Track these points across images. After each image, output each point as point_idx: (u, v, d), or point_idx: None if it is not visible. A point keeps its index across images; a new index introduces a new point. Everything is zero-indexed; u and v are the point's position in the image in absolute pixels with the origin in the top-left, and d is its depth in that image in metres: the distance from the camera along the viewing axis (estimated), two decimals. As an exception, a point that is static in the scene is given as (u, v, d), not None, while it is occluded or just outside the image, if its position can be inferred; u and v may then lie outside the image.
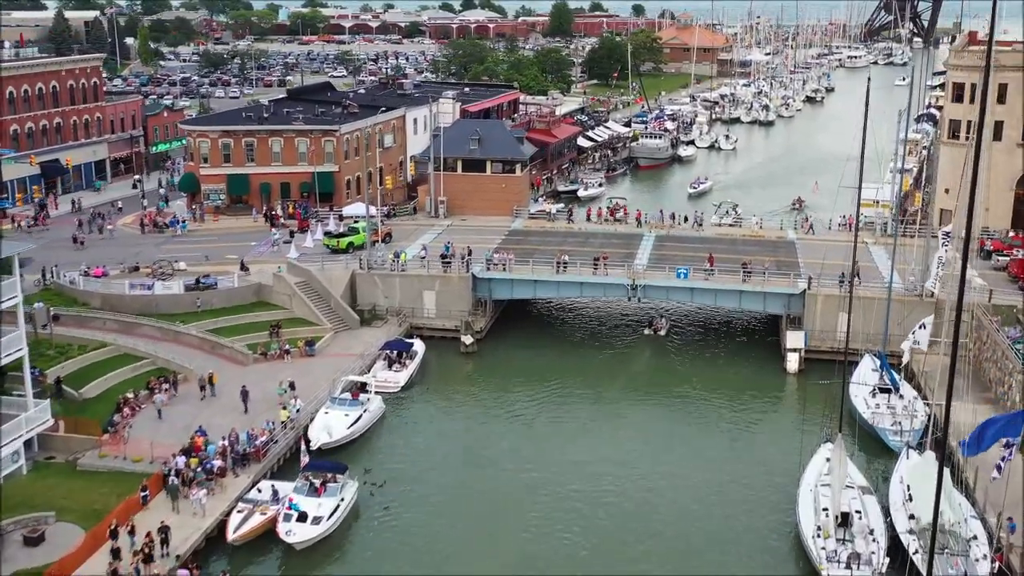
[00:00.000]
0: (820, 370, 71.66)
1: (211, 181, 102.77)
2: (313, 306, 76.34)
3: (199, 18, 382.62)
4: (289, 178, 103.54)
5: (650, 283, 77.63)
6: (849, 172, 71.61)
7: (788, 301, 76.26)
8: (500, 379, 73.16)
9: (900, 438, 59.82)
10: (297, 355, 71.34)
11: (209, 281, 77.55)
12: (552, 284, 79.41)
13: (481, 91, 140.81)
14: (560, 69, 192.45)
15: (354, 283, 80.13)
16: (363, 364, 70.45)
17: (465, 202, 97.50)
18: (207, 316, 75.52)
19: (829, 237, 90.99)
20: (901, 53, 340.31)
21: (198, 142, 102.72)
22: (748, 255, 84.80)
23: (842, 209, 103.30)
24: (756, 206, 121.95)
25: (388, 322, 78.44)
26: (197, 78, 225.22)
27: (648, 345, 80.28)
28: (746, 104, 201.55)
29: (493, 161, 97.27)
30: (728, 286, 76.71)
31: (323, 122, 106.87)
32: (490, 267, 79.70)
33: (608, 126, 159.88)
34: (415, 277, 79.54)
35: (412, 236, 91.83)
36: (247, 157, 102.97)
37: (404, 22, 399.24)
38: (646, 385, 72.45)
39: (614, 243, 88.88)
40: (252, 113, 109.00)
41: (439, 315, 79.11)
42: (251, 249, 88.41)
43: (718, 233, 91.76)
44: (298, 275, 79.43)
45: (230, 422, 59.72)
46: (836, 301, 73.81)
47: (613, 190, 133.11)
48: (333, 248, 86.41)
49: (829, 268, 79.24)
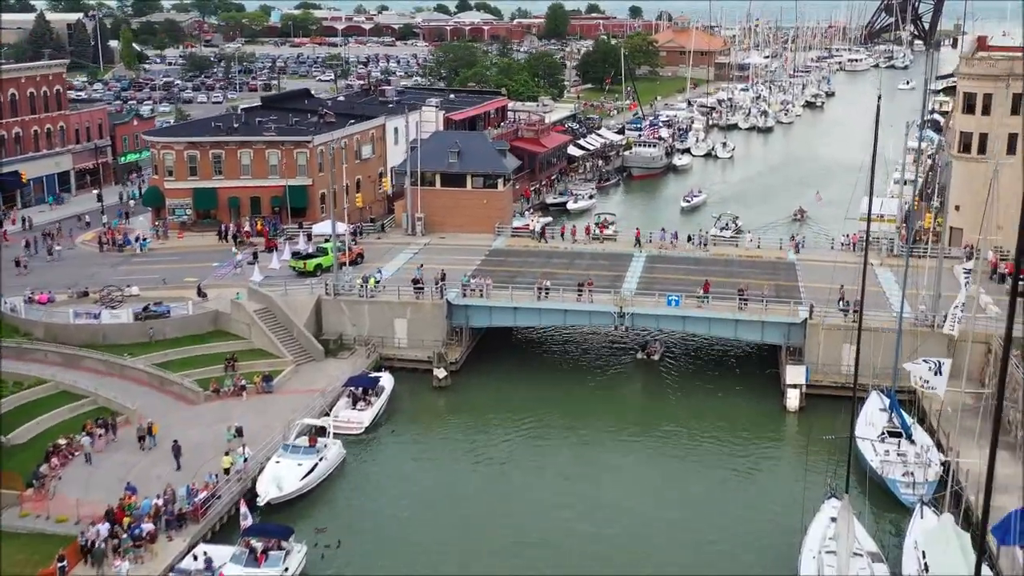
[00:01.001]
0: (823, 408, 65.98)
1: (176, 195, 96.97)
2: (273, 336, 70.43)
3: (190, 20, 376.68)
4: (260, 192, 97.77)
5: (639, 311, 71.74)
6: (857, 186, 65.46)
7: (788, 331, 70.45)
8: (476, 416, 67.32)
9: (912, 491, 53.96)
10: (254, 391, 65.43)
11: (161, 309, 71.66)
12: (533, 311, 73.54)
13: (467, 98, 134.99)
14: (552, 73, 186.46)
15: (320, 310, 74.25)
16: (324, 402, 64.55)
17: (444, 219, 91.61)
18: (158, 347, 69.72)
19: (833, 257, 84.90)
20: (903, 56, 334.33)
21: (162, 154, 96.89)
22: (745, 278, 79.04)
23: (848, 226, 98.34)
24: (755, 219, 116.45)
25: (356, 353, 72.56)
26: (180, 82, 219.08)
27: (639, 373, 74.63)
28: (744, 110, 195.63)
29: (474, 175, 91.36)
30: (723, 315, 70.84)
31: (296, 132, 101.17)
32: (466, 293, 73.83)
33: (600, 134, 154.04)
34: (385, 304, 73.66)
35: (386, 256, 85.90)
36: (215, 170, 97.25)
37: (398, 24, 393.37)
38: (635, 422, 66.62)
39: (601, 264, 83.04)
40: (222, 123, 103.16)
41: (411, 345, 73.23)
42: (213, 271, 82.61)
43: (713, 254, 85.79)
44: (259, 301, 73.53)
45: (170, 473, 53.93)
46: (840, 332, 68.01)
47: (605, 202, 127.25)
48: (299, 271, 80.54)
49: (833, 294, 73.52)
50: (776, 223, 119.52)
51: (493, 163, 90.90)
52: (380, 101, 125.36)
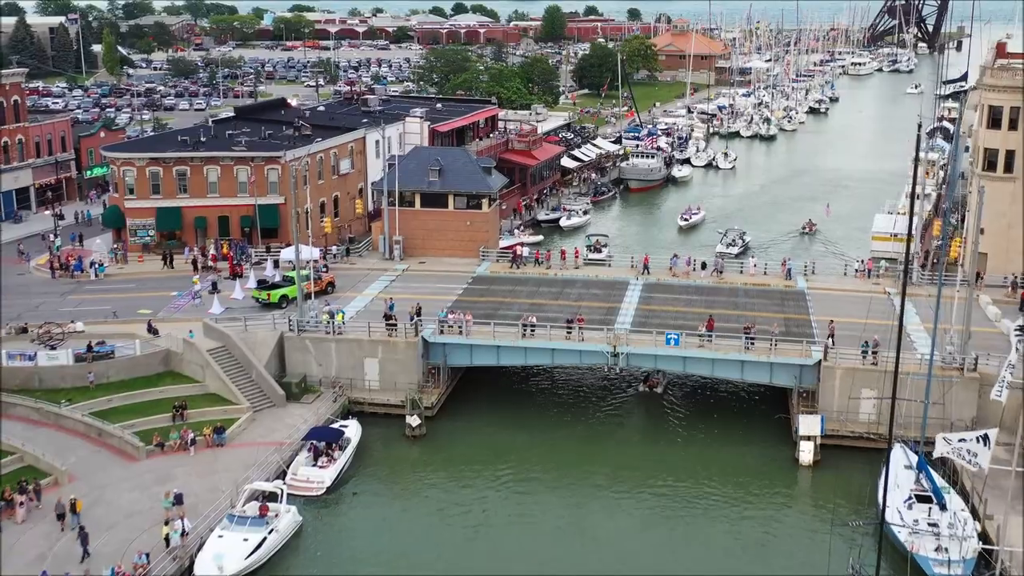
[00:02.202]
0: (840, 462, 59.31)
1: (138, 215, 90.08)
2: (229, 380, 63.40)
3: (180, 23, 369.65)
4: (228, 211, 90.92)
5: (634, 351, 64.75)
6: (866, 199, 58.43)
7: (800, 373, 63.50)
8: (453, 470, 60.35)
9: (947, 571, 47.00)
10: (203, 445, 58.45)
11: (104, 349, 64.63)
12: (518, 350, 66.53)
13: (455, 107, 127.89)
14: (546, 80, 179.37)
15: (283, 348, 67.24)
16: (282, 458, 57.53)
17: (424, 242, 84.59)
18: (101, 392, 62.76)
19: (846, 286, 78.10)
20: (907, 59, 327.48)
21: (122, 171, 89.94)
22: (751, 310, 72.19)
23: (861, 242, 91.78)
24: (761, 235, 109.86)
25: (321, 396, 65.58)
26: (163, 88, 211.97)
27: (636, 416, 67.95)
28: (746, 117, 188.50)
29: (456, 195, 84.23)
30: (728, 355, 63.85)
31: (268, 146, 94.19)
32: (443, 330, 66.83)
33: (596, 143, 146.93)
34: (354, 342, 66.62)
35: (360, 284, 78.84)
36: (179, 188, 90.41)
37: (392, 27, 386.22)
38: (631, 475, 59.65)
39: (594, 294, 76.05)
40: (188, 136, 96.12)
41: (383, 387, 66.22)
42: (170, 302, 75.63)
43: (716, 281, 78.71)
44: (214, 339, 66.53)
45: (95, 551, 46.95)
46: (859, 375, 61.05)
47: (600, 217, 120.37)
48: (263, 302, 73.56)
49: (848, 326, 66.74)
50: (784, 237, 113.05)
51: (477, 182, 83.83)
52: (363, 111, 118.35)
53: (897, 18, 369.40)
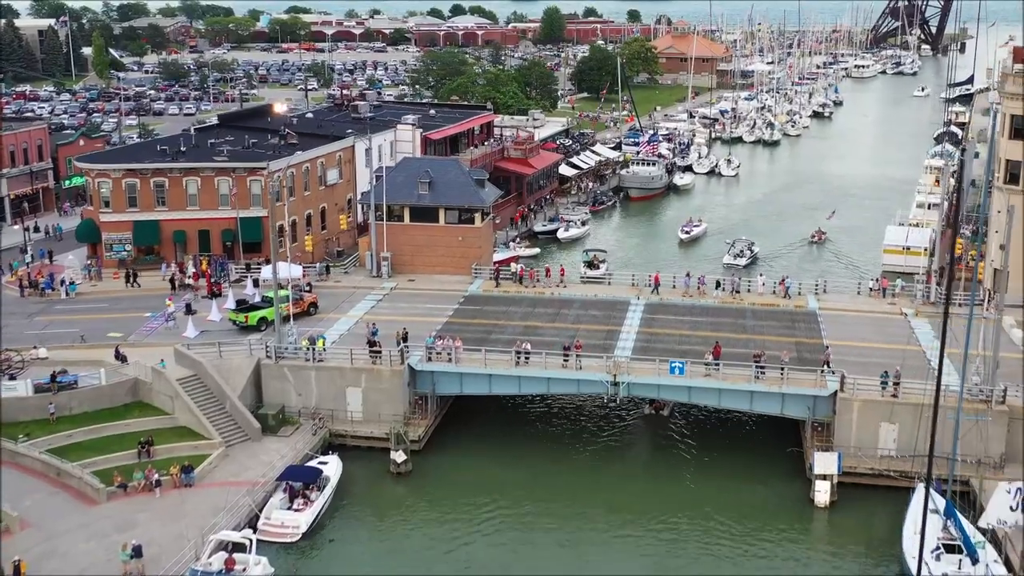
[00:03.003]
0: (858, 503, 55.01)
1: (113, 229, 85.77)
2: (200, 412, 58.96)
3: (175, 25, 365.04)
4: (208, 225, 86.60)
5: (636, 380, 60.34)
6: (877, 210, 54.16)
7: (813, 404, 59.12)
8: (442, 507, 56.03)
9: (982, 635, 42.69)
10: (170, 485, 54.04)
11: (67, 379, 60.20)
12: (512, 379, 62.13)
13: (449, 114, 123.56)
14: (544, 83, 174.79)
15: (259, 377, 62.80)
16: (255, 500, 53.12)
17: (413, 259, 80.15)
18: (63, 426, 58.40)
19: (860, 306, 73.62)
20: (911, 62, 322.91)
21: (97, 182, 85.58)
22: (759, 333, 67.83)
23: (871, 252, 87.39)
24: (765, 246, 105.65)
25: (300, 429, 61.18)
26: (153, 92, 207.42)
27: (639, 446, 64.02)
28: (748, 121, 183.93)
29: (447, 209, 79.77)
30: (736, 385, 59.45)
31: (251, 156, 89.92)
32: (431, 356, 62.43)
33: (595, 150, 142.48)
34: (335, 370, 62.18)
35: (345, 304, 74.41)
36: (157, 200, 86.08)
37: (389, 29, 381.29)
38: (633, 512, 55.49)
39: (593, 315, 71.62)
40: (168, 146, 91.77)
41: (367, 418, 61.81)
42: (143, 323, 71.24)
43: (721, 300, 74.22)
44: (186, 367, 62.17)
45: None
46: (879, 408, 56.69)
47: (599, 227, 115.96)
48: (241, 324, 69.15)
49: (865, 351, 62.51)
50: (792, 247, 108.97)
51: (469, 195, 79.36)
52: (352, 118, 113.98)
53: (900, 20, 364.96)
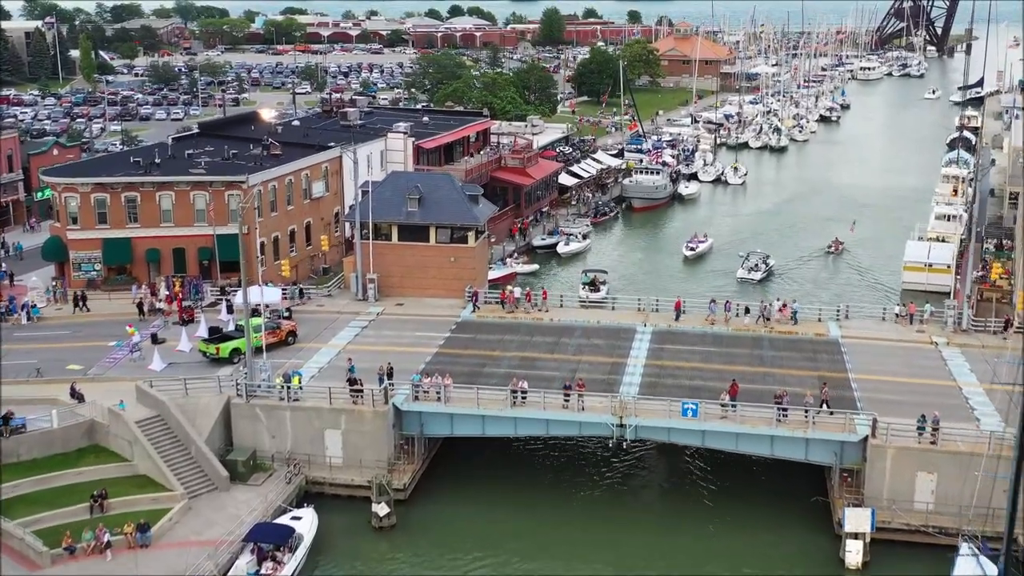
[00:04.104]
0: (892, 561, 49.29)
1: (82, 247, 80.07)
2: (161, 459, 53.15)
3: (169, 26, 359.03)
4: (184, 243, 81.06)
5: (644, 422, 54.57)
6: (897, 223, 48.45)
7: (840, 449, 53.38)
8: (429, 565, 50.65)
9: None
10: (123, 546, 48.26)
11: (15, 422, 54.38)
12: (507, 420, 56.36)
13: (444, 120, 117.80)
14: (544, 88, 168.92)
15: (229, 418, 57.01)
16: (217, 565, 47.32)
17: (402, 280, 74.36)
18: (8, 475, 52.48)
19: (886, 334, 67.70)
20: (918, 63, 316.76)
21: (64, 197, 79.86)
22: (778, 365, 62.18)
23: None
24: (779, 259, 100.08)
25: (274, 476, 55.42)
26: (141, 96, 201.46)
27: (650, 483, 59.33)
28: (755, 127, 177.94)
29: (438, 227, 73.90)
30: (755, 429, 53.70)
31: (230, 169, 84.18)
32: (419, 395, 56.65)
33: (596, 157, 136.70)
34: (313, 411, 56.38)
35: (326, 333, 68.55)
36: (129, 216, 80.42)
37: (386, 30, 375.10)
38: (642, 566, 49.73)
39: (595, 345, 65.80)
40: (141, 158, 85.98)
41: (347, 464, 56.03)
42: (106, 354, 65.44)
43: (735, 329, 68.34)
44: (148, 406, 56.37)
45: None
46: (916, 456, 50.95)
47: (601, 241, 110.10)
48: (211, 356, 63.34)
49: (894, 387, 56.83)
50: (808, 258, 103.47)
51: (462, 212, 73.51)
52: (341, 125, 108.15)
53: (905, 21, 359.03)
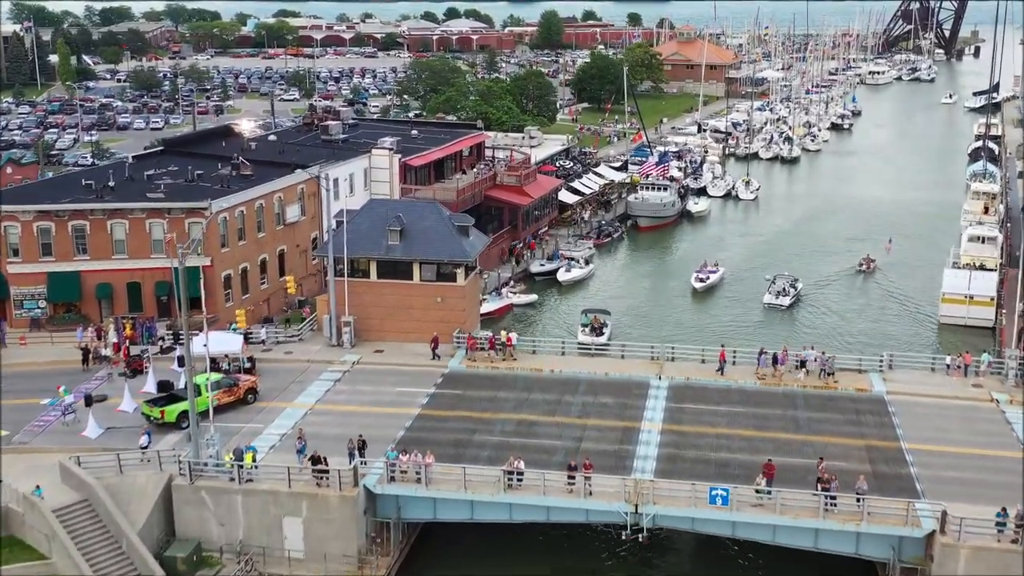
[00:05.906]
0: None
1: (24, 282, 71.58)
2: (83, 559, 44.16)
3: (158, 29, 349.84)
4: (139, 276, 72.77)
5: (664, 512, 45.62)
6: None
7: (899, 543, 44.48)
8: None
9: None
10: (29, 676, 39.36)
11: (-91, 512, 45.50)
12: (501, 505, 47.39)
13: (435, 133, 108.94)
14: (542, 95, 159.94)
15: (170, 503, 48.01)
16: None
17: (382, 323, 65.35)
18: (-102, 579, 43.65)
19: (939, 389, 58.52)
20: (928, 67, 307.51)
21: (3, 227, 71.10)
22: (816, 432, 53.32)
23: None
24: (804, 281, 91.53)
25: (222, 573, 46.42)
26: (120, 104, 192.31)
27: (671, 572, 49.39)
28: (765, 137, 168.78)
29: (423, 263, 64.81)
30: (797, 522, 44.77)
31: (191, 193, 75.50)
32: (395, 475, 47.70)
33: (599, 171, 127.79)
34: (269, 495, 47.37)
35: (294, 387, 59.50)
36: (77, 248, 71.99)
37: (380, 34, 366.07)
38: None
39: (603, 404, 56.78)
40: (94, 180, 77.25)
41: (309, 558, 47.09)
42: (36, 415, 56.42)
43: (763, 384, 59.24)
44: (73, 488, 47.42)
45: None
46: (996, 559, 41.95)
47: (604, 265, 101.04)
48: (156, 421, 54.30)
49: (954, 460, 47.99)
50: (837, 278, 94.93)
51: (450, 246, 64.42)
52: (323, 140, 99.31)
53: (913, 23, 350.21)
